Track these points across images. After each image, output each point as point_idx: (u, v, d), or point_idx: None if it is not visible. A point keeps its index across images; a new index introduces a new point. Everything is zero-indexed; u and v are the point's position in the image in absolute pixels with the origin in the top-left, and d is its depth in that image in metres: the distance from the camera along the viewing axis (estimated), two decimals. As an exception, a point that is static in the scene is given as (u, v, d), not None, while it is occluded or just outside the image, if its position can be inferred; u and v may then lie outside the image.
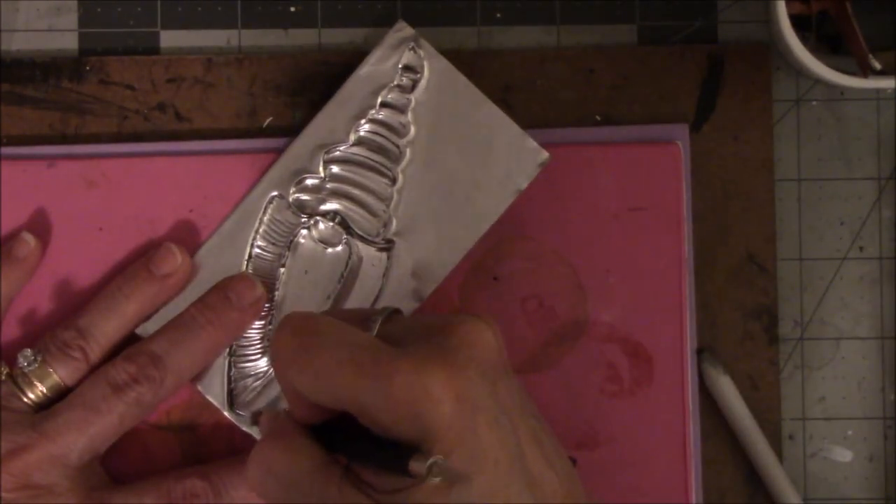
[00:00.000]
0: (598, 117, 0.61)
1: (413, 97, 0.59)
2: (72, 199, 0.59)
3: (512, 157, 0.59)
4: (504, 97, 0.59)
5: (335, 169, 0.59)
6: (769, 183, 0.61)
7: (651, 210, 0.60)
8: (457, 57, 0.59)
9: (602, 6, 0.62)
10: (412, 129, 0.59)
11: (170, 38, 0.61)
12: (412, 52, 0.59)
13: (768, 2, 0.59)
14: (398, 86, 0.59)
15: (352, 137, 0.59)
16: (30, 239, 0.58)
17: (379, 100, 0.59)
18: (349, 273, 0.59)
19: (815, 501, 0.61)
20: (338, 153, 0.59)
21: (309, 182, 0.59)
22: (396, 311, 0.49)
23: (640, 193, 0.60)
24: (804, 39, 0.57)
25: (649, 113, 0.61)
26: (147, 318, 0.58)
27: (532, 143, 0.59)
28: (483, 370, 0.45)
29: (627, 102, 0.61)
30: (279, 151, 0.59)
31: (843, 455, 0.61)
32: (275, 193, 0.59)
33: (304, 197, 0.59)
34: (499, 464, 0.44)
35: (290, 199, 0.59)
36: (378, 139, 0.59)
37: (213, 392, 0.58)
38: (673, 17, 0.62)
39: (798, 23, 0.57)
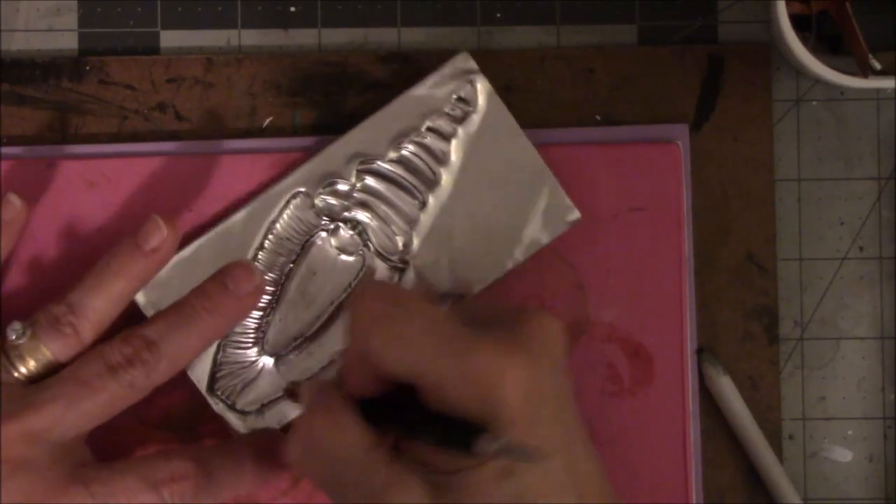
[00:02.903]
0: (598, 117, 0.61)
1: (460, 129, 0.59)
2: (72, 199, 0.59)
3: (544, 210, 0.58)
4: (504, 97, 0.59)
5: (368, 180, 0.59)
6: (769, 183, 0.61)
7: (651, 210, 0.60)
8: (457, 57, 0.60)
9: (602, 6, 0.62)
10: (452, 159, 0.59)
11: (170, 38, 0.61)
12: (470, 85, 0.59)
13: (768, 2, 0.59)
14: (448, 114, 0.59)
15: (391, 154, 0.59)
16: (16, 200, 0.57)
17: (427, 123, 0.59)
18: (358, 285, 0.59)
19: (815, 501, 0.61)
20: (374, 165, 0.59)
21: (339, 187, 0.59)
22: (461, 296, 0.49)
23: (640, 193, 0.60)
24: (804, 39, 0.57)
25: (649, 113, 0.61)
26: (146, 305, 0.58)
27: (566, 201, 0.58)
28: (553, 364, 0.46)
29: (627, 102, 0.61)
30: (281, 151, 0.59)
31: (843, 455, 0.62)
32: (301, 190, 0.59)
33: (331, 200, 0.59)
34: (552, 457, 0.44)
35: (316, 200, 0.58)
36: (417, 161, 0.59)
37: (196, 371, 0.58)
38: (673, 17, 0.62)
39: (798, 23, 0.57)
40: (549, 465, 0.44)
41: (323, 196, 0.59)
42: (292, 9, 0.61)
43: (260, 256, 0.59)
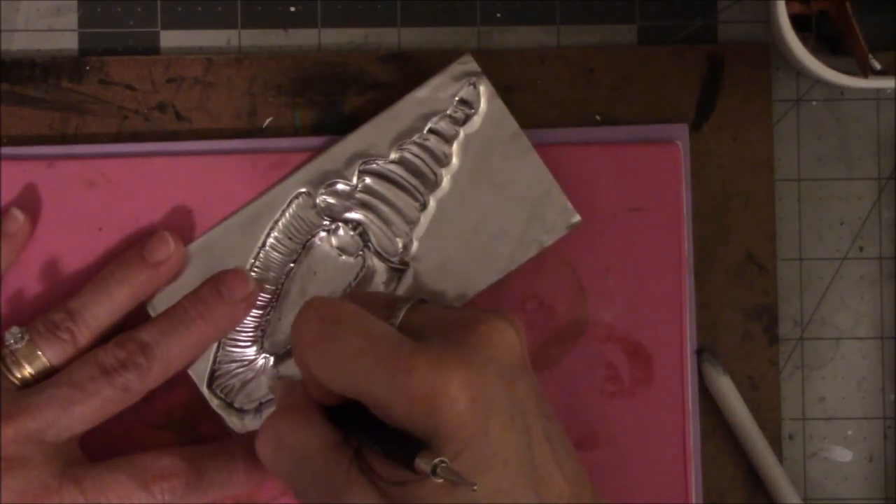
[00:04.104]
0: (598, 117, 0.61)
1: (462, 131, 0.59)
2: (71, 199, 0.59)
3: (544, 212, 0.58)
4: (504, 97, 0.59)
5: (368, 181, 0.59)
6: (769, 183, 0.61)
7: (651, 210, 0.60)
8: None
9: (602, 6, 0.62)
10: (454, 161, 0.59)
11: (170, 38, 0.61)
12: (472, 87, 0.59)
13: (768, 2, 0.59)
14: (450, 116, 0.59)
15: (393, 155, 0.59)
16: (19, 215, 0.58)
17: (428, 125, 0.59)
18: (357, 285, 0.59)
19: (815, 501, 0.61)
20: (375, 166, 0.59)
21: (339, 187, 0.59)
22: (422, 301, 0.49)
23: (640, 193, 0.60)
24: (804, 39, 0.57)
25: (649, 113, 0.61)
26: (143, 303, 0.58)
27: (567, 204, 0.58)
28: (501, 370, 0.45)
29: (627, 102, 0.61)
30: (281, 151, 0.59)
31: (843, 455, 0.62)
32: (303, 190, 0.59)
33: (332, 200, 0.59)
34: (507, 465, 0.44)
35: (318, 200, 0.59)
36: (418, 162, 0.59)
37: (196, 369, 0.58)
38: (673, 17, 0.62)
39: (798, 23, 0.57)
40: (504, 472, 0.44)
41: (324, 196, 0.59)
42: (292, 9, 0.61)
43: (261, 255, 0.59)
